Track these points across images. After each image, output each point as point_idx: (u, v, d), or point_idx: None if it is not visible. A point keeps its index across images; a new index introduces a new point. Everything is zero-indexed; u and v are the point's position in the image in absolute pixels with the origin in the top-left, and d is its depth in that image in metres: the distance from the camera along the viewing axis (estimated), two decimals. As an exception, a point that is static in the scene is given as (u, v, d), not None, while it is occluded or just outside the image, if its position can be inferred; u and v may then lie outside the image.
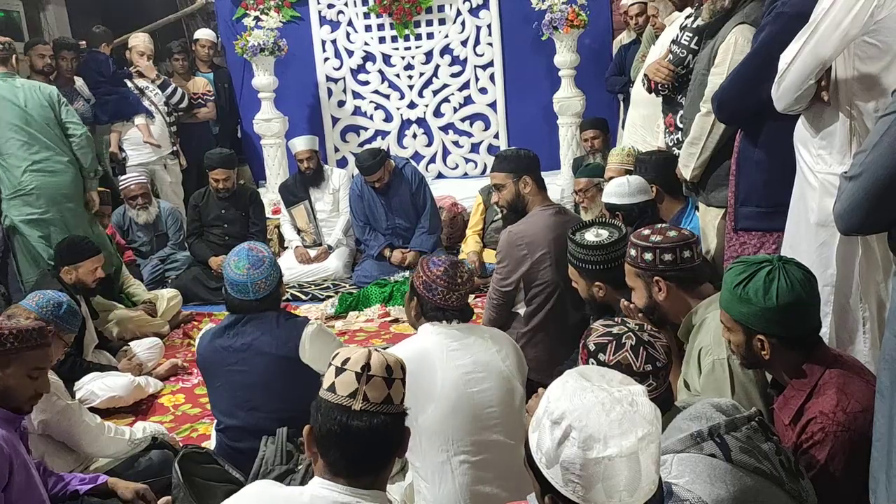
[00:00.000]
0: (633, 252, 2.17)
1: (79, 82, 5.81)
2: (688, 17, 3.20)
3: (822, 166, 2.11)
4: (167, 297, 4.57)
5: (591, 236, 2.63)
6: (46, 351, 2.10)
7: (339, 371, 1.47)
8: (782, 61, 2.09)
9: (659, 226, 2.22)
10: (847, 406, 1.66)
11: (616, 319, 1.73)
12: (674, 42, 3.19)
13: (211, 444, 2.79)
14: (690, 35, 3.06)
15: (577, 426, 1.15)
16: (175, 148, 5.91)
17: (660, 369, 1.61)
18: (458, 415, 2.12)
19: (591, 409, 1.15)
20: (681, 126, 3.17)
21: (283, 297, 2.92)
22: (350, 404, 1.44)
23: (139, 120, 5.69)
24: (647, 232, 2.18)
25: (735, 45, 2.69)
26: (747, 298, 1.72)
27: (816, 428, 1.66)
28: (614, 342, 1.62)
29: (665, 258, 2.11)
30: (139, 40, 5.89)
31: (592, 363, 1.61)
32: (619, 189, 3.18)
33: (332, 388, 1.46)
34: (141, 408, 3.54)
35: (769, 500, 1.44)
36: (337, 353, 1.51)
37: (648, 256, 2.13)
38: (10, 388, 2.01)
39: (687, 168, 2.89)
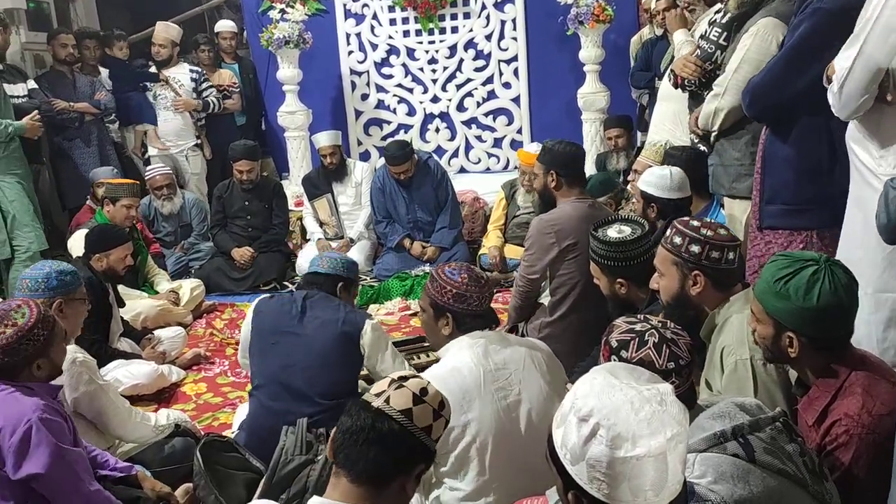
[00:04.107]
0: (677, 240, 2.10)
1: (104, 73, 5.89)
2: (716, 12, 3.17)
3: (885, 168, 2.05)
4: (190, 287, 4.62)
5: (613, 233, 2.61)
6: (61, 323, 2.25)
7: (399, 385, 1.51)
8: (839, 69, 2.03)
9: (708, 220, 2.17)
10: (873, 408, 1.64)
11: (639, 316, 1.71)
12: (702, 37, 3.16)
13: (234, 427, 2.86)
14: (719, 31, 3.03)
15: (606, 424, 1.14)
16: (198, 140, 5.96)
17: (683, 367, 1.59)
18: (497, 442, 2.05)
19: (619, 408, 1.15)
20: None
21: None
22: (371, 401, 1.48)
23: (148, 127, 5.77)
24: (696, 224, 2.11)
25: (756, 34, 2.67)
26: (786, 295, 1.69)
27: (841, 430, 1.64)
28: (637, 339, 1.61)
29: (713, 255, 2.07)
30: (157, 30, 5.90)
31: (614, 360, 1.59)
32: (661, 182, 3.11)
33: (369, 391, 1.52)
34: (163, 396, 3.58)
35: (793, 501, 1.42)
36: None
37: (696, 249, 2.07)
38: (56, 368, 2.18)
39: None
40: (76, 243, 4.18)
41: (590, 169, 5.64)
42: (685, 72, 3.13)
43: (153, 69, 5.81)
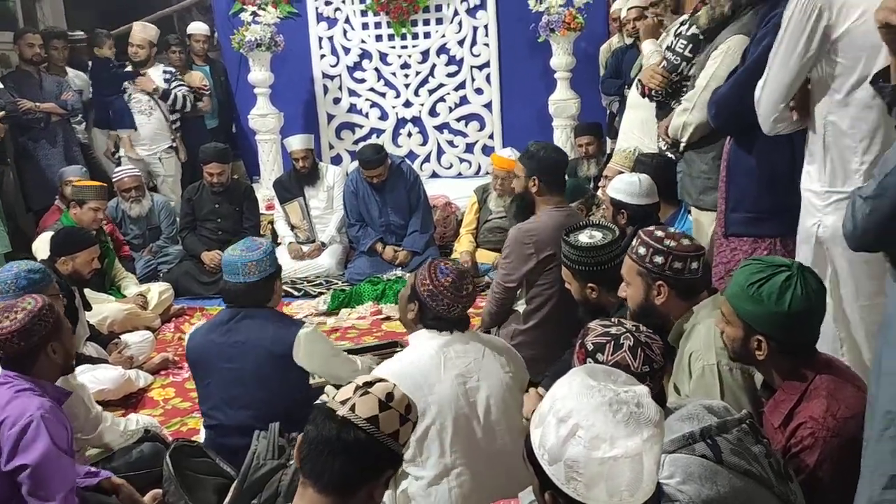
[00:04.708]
0: (641, 250, 2.14)
1: (71, 73, 5.80)
2: (682, 23, 3.22)
3: (806, 182, 2.17)
4: (159, 291, 4.57)
5: (584, 238, 2.63)
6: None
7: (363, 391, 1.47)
8: (757, 88, 2.15)
9: (672, 230, 2.19)
10: (837, 412, 1.67)
11: (612, 319, 1.73)
12: (668, 49, 3.20)
13: (200, 438, 2.80)
14: (685, 43, 3.08)
15: (584, 425, 1.16)
16: (174, 144, 5.88)
17: (656, 371, 1.62)
18: (457, 424, 2.12)
19: (597, 409, 1.17)
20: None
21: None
22: (336, 408, 1.45)
23: (123, 133, 5.69)
24: (660, 234, 2.14)
25: (727, 52, 2.73)
26: (759, 299, 1.72)
27: (806, 433, 1.67)
28: (612, 342, 1.62)
29: (675, 266, 2.09)
30: (134, 30, 5.82)
31: (590, 362, 1.60)
32: (630, 188, 3.16)
33: (334, 396, 1.49)
34: (130, 401, 3.54)
35: (758, 502, 1.45)
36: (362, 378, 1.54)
37: (659, 260, 2.10)
38: (69, 354, 2.27)
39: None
40: (41, 246, 4.10)
41: (561, 175, 5.69)
42: (652, 82, 3.17)
43: (129, 69, 5.73)
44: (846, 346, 2.14)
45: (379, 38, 6.26)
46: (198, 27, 6.44)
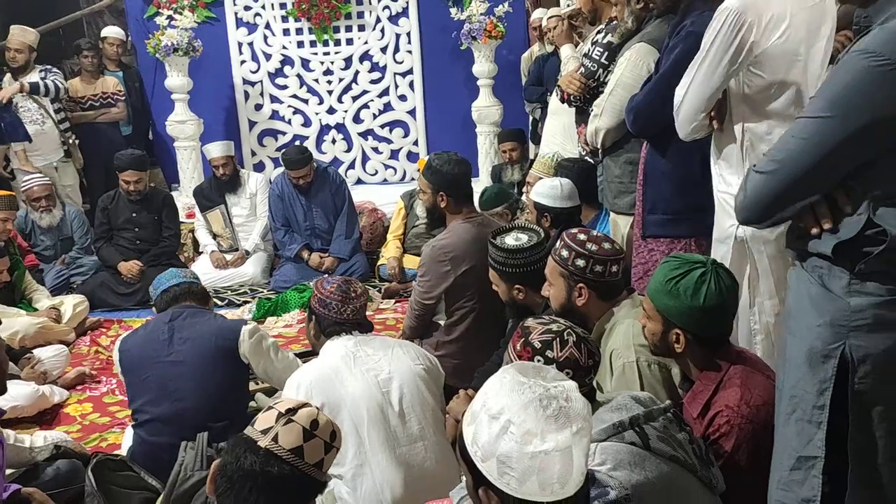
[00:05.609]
0: (564, 253, 2.19)
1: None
2: (598, 32, 3.32)
3: (721, 185, 2.26)
4: (73, 304, 4.39)
5: (510, 240, 2.68)
6: None
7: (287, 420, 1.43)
8: (676, 94, 2.24)
9: (595, 233, 2.24)
10: (750, 399, 1.76)
11: (546, 317, 1.76)
12: (585, 56, 3.30)
13: (123, 450, 2.73)
14: (601, 50, 3.18)
15: (516, 421, 1.19)
16: (66, 147, 5.64)
17: (597, 364, 1.68)
18: (372, 417, 2.17)
19: (528, 405, 1.20)
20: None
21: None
22: (257, 439, 1.41)
23: (17, 146, 5.41)
24: (583, 238, 2.19)
25: (629, 59, 2.85)
26: (676, 294, 1.79)
27: (723, 420, 1.75)
28: (558, 338, 1.65)
29: (596, 269, 2.15)
30: (12, 33, 5.52)
31: (539, 360, 1.62)
32: (552, 192, 3.23)
33: (252, 424, 1.45)
34: (45, 418, 3.40)
35: (684, 485, 1.52)
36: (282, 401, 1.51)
37: (580, 263, 2.16)
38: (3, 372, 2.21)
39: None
40: (-56, 259, 3.89)
41: (485, 179, 5.78)
42: (570, 88, 3.26)
43: (7, 77, 5.44)
44: (760, 337, 2.25)
45: (301, 44, 6.21)
46: (112, 31, 6.23)
